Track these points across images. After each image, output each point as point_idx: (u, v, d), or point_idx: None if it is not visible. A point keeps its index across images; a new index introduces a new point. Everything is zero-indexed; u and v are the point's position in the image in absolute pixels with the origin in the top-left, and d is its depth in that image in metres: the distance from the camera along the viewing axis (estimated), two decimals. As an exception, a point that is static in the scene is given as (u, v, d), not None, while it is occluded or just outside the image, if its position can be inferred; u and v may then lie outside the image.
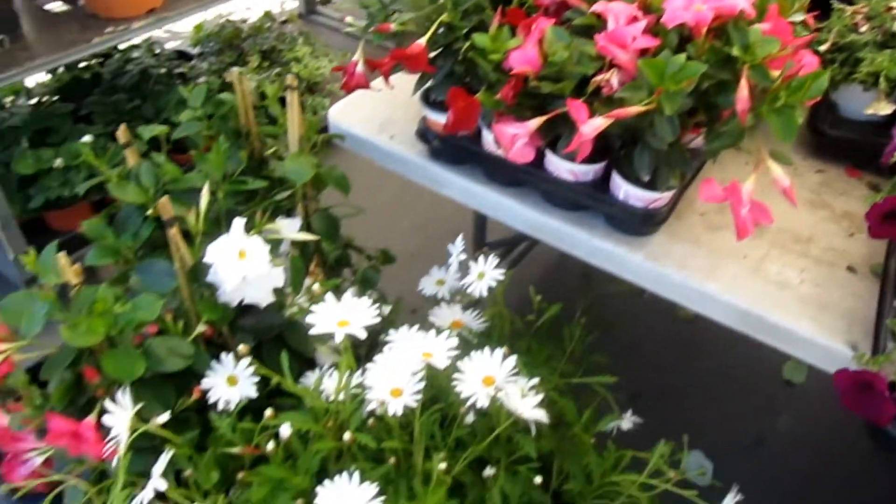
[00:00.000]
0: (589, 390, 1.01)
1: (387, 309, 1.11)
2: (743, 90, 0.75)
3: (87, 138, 1.38)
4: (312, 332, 0.78)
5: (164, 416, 0.77)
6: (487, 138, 0.99)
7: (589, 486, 0.91)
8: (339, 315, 0.78)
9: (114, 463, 0.75)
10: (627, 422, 0.99)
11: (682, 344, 1.71)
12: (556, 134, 0.90)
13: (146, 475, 0.82)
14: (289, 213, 1.05)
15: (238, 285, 0.83)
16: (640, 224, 0.93)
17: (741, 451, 1.44)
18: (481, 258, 0.98)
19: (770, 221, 0.79)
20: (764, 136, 0.81)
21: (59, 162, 1.51)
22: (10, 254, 1.46)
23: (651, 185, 0.89)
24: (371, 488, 0.75)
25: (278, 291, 0.91)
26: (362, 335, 0.77)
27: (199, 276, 0.87)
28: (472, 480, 0.90)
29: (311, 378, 0.93)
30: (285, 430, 0.79)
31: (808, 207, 1.02)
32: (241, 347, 0.83)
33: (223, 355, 0.90)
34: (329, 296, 0.79)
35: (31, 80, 1.85)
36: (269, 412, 0.80)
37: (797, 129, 0.76)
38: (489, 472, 0.88)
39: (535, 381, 0.89)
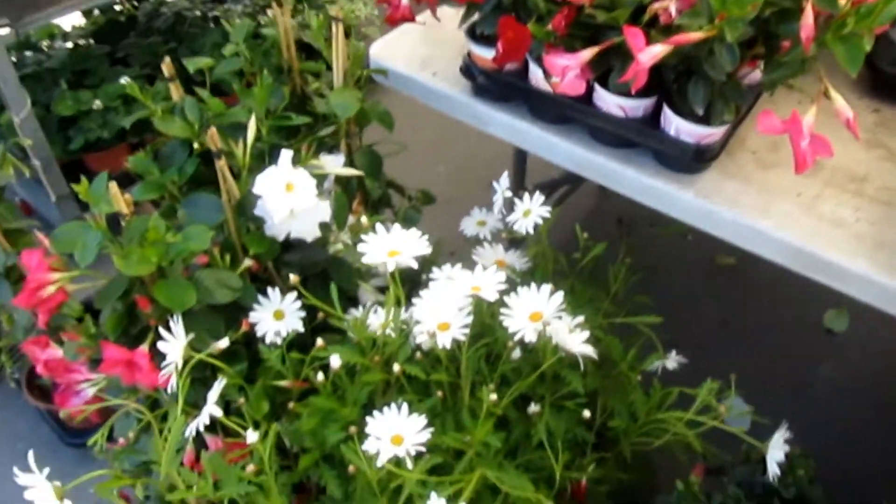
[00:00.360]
0: (632, 332, 1.00)
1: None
2: (808, 16, 0.72)
3: (124, 80, 1.38)
4: (364, 260, 0.78)
5: (224, 342, 0.77)
6: (535, 73, 0.97)
7: (634, 424, 0.91)
8: (390, 245, 0.78)
9: (169, 390, 0.76)
10: (672, 362, 0.99)
11: (721, 291, 1.69)
12: (607, 67, 0.88)
13: (196, 406, 0.83)
14: (331, 151, 1.04)
15: (285, 218, 0.83)
16: (691, 160, 0.91)
17: (780, 398, 1.42)
18: (526, 196, 0.96)
19: (830, 154, 0.77)
20: (822, 71, 0.78)
21: (97, 103, 1.52)
22: (52, 196, 1.47)
23: (704, 120, 0.87)
24: (421, 419, 0.76)
25: (324, 226, 0.91)
26: (413, 265, 0.77)
27: (246, 210, 0.87)
28: (517, 417, 0.90)
29: (354, 315, 0.93)
30: (335, 362, 0.80)
31: (864, 146, 0.99)
32: (292, 277, 0.83)
33: (269, 290, 0.90)
34: (379, 226, 0.79)
35: (67, 24, 1.84)
36: (319, 342, 0.80)
37: (863, 59, 0.73)
38: (534, 408, 0.88)
39: (581, 318, 0.88)
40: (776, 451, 0.81)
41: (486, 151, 1.93)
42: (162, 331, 0.76)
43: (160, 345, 0.75)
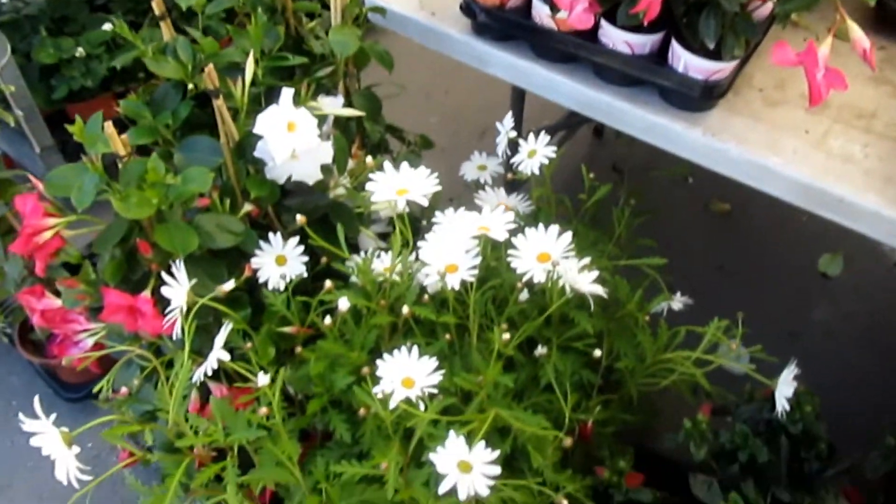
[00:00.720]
0: (634, 276, 0.99)
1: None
2: (826, -58, 0.70)
3: (107, 26, 1.33)
4: (373, 198, 0.76)
5: (229, 284, 0.75)
6: (539, 10, 0.94)
7: (641, 365, 0.91)
8: (398, 184, 0.76)
9: (174, 336, 0.74)
10: (678, 302, 0.98)
11: (717, 238, 1.69)
12: (614, 1, 0.85)
13: (200, 354, 0.82)
14: (329, 94, 1.01)
15: (287, 159, 0.81)
16: (699, 98, 0.90)
17: (776, 342, 1.43)
18: (531, 136, 0.94)
19: (844, 87, 0.75)
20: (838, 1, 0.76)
21: (80, 51, 1.46)
22: (36, 147, 1.43)
23: (714, 55, 0.85)
24: (431, 361, 0.75)
25: (325, 169, 0.89)
26: (423, 202, 0.75)
27: (246, 152, 0.85)
28: (524, 360, 0.90)
29: (358, 260, 0.92)
30: (343, 304, 0.78)
31: (871, 83, 0.97)
32: (299, 218, 0.81)
33: (271, 235, 0.88)
34: (387, 164, 0.77)
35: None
36: (328, 283, 0.79)
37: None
38: (541, 350, 0.88)
39: (587, 260, 0.87)
40: (785, 387, 0.81)
41: (478, 101, 1.90)
42: (164, 275, 0.74)
43: (164, 290, 0.73)
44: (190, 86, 0.90)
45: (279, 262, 0.88)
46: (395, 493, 0.75)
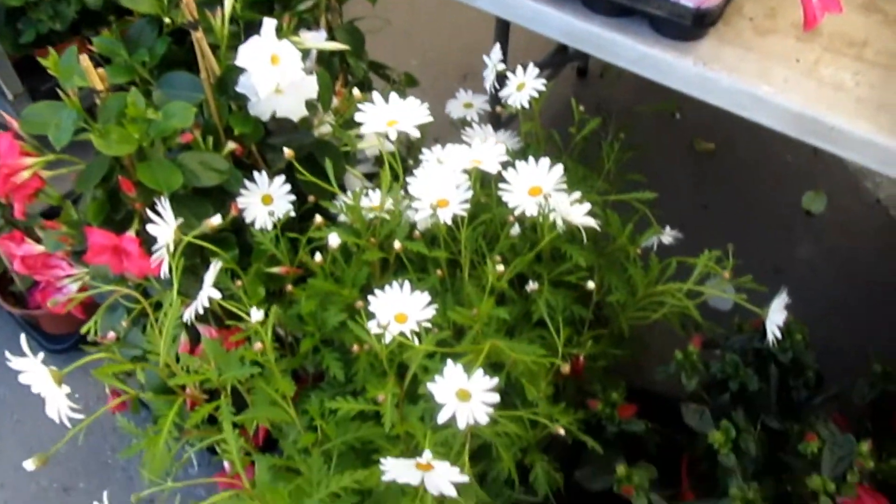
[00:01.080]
0: (624, 211, 0.99)
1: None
2: None
3: (75, -36, 1.29)
4: (363, 129, 0.74)
5: (216, 218, 0.74)
6: (525, -63, 0.91)
7: (632, 298, 0.91)
8: (388, 115, 0.74)
9: (162, 275, 0.73)
10: (668, 236, 0.98)
11: (702, 176, 1.69)
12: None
13: (188, 296, 0.81)
14: (310, 29, 0.98)
15: (270, 94, 0.79)
16: (689, 26, 0.88)
17: (761, 278, 1.45)
18: (520, 69, 0.93)
19: (839, 9, 0.74)
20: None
21: (47, -7, 1.41)
22: (8, 94, 1.39)
23: (706, -20, 0.83)
24: (424, 296, 0.74)
25: (310, 105, 0.87)
26: (415, 133, 0.74)
27: (228, 87, 0.82)
28: (515, 297, 0.89)
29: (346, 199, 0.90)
30: (333, 240, 0.77)
31: (861, 11, 0.96)
32: (286, 151, 0.79)
33: (256, 174, 0.86)
34: (376, 95, 0.75)
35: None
36: (318, 218, 0.77)
37: None
38: (532, 286, 0.87)
39: (578, 194, 0.86)
40: (776, 314, 0.81)
41: (460, 42, 1.86)
42: (149, 213, 0.72)
43: (150, 228, 0.72)
44: (166, 20, 0.87)
45: (265, 201, 0.86)
46: (392, 428, 0.75)
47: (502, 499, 0.95)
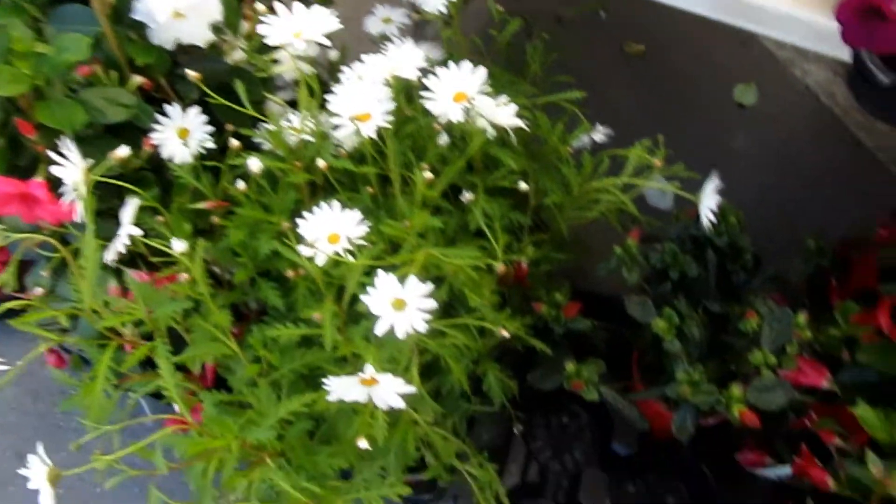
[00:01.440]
0: (556, 115, 0.98)
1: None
2: None
3: None
4: (267, 41, 0.71)
5: (123, 149, 0.70)
6: None
7: (568, 198, 0.91)
8: (295, 27, 0.71)
9: (78, 218, 0.69)
10: (599, 133, 0.97)
11: (633, 78, 1.68)
12: None
13: (108, 239, 0.77)
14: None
15: (170, 18, 0.74)
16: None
17: (698, 172, 1.46)
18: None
19: None
20: None
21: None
22: None
23: None
24: (355, 213, 0.72)
25: (216, 28, 0.82)
26: (324, 41, 0.71)
27: (123, 15, 0.77)
28: (451, 209, 0.88)
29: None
30: (254, 165, 0.74)
31: None
32: (191, 74, 0.75)
33: (168, 107, 0.82)
34: (279, 6, 0.71)
35: None
36: (234, 143, 0.74)
37: None
38: (468, 196, 0.86)
39: (504, 98, 0.85)
40: (708, 198, 0.82)
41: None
42: (53, 155, 0.68)
43: (55, 170, 0.68)
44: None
45: (181, 134, 0.82)
46: (336, 350, 0.75)
47: (459, 412, 0.96)
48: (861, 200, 1.49)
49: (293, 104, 0.98)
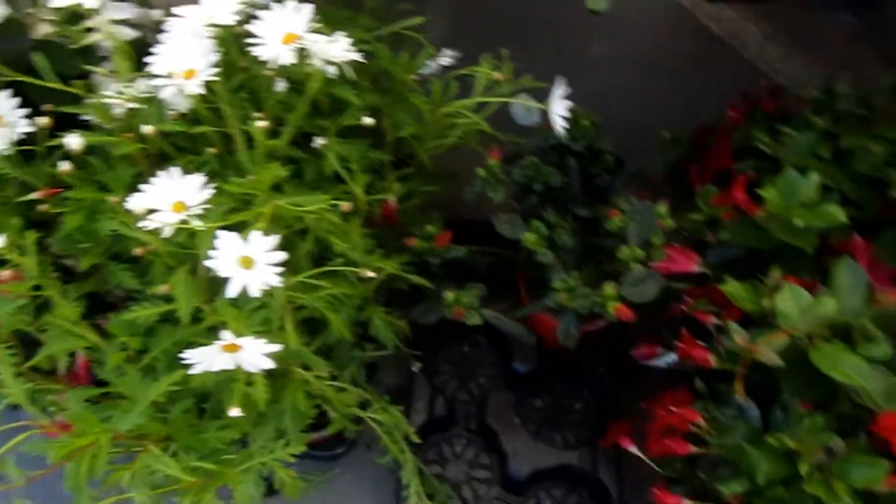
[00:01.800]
0: (402, 48, 0.95)
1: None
2: None
3: None
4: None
5: None
6: None
7: (424, 127, 0.89)
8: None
9: None
10: (446, 58, 0.95)
11: (481, 4, 1.66)
12: None
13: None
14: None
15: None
16: None
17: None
18: None
19: None
20: None
21: None
22: None
23: None
24: (197, 177, 0.69)
25: (10, 2, 0.75)
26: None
27: None
28: (305, 157, 0.85)
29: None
30: (73, 142, 0.69)
31: None
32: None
33: (-30, 95, 0.75)
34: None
35: None
36: (44, 120, 0.68)
37: None
38: (320, 141, 0.83)
39: (340, 34, 0.81)
40: (557, 105, 0.81)
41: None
42: None
43: None
44: None
45: (-6, 123, 0.76)
46: (202, 322, 0.72)
47: (356, 361, 0.95)
48: (718, 89, 1.54)
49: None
